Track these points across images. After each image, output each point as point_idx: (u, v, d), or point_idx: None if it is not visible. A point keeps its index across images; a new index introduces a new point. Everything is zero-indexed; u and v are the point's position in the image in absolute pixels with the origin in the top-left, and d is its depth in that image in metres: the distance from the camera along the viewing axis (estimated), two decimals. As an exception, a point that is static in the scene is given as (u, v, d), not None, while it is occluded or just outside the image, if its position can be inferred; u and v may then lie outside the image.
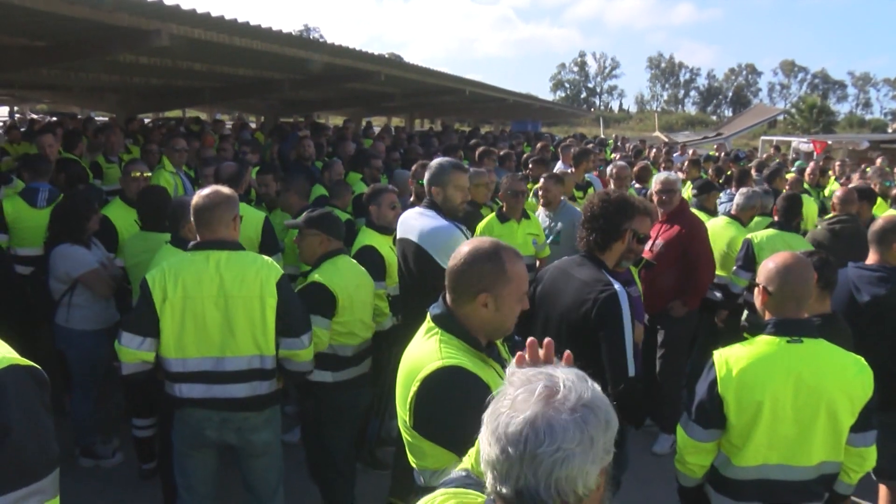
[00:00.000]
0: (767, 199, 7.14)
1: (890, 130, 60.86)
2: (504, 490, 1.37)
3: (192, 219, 3.73)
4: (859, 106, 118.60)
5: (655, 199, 5.91)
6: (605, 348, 3.34)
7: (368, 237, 5.14)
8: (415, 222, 4.35)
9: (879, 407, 3.06)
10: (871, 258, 4.42)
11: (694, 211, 6.60)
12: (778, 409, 2.85)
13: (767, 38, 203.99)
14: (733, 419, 2.90)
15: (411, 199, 5.79)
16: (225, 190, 3.75)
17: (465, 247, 2.45)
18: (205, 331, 3.57)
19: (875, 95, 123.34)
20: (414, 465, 2.47)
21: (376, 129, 19.28)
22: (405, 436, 2.46)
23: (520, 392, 1.40)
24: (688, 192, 8.69)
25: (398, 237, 4.54)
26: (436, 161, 4.50)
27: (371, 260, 4.88)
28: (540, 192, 6.68)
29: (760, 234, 6.12)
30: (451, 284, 2.44)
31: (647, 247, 5.76)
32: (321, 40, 18.92)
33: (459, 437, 2.25)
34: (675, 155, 16.10)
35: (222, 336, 3.59)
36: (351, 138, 12.09)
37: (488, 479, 1.41)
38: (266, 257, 3.82)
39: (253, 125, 19.17)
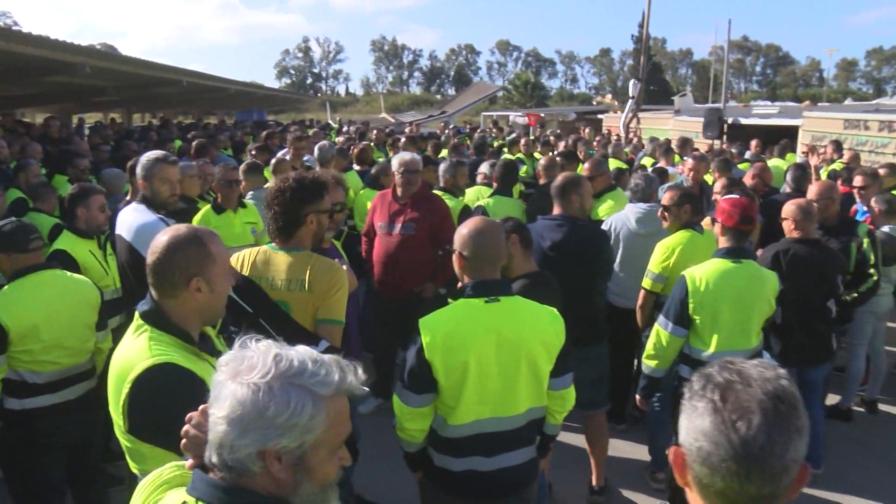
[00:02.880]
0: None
1: (594, 103, 67.08)
2: None
3: None
4: (567, 81, 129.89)
5: (398, 180, 5.92)
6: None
7: (64, 241, 4.76)
8: (127, 217, 4.48)
9: (575, 343, 3.36)
10: (555, 210, 4.96)
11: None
12: (483, 366, 2.99)
13: (485, 19, 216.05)
14: (443, 381, 3.00)
15: (127, 196, 5.53)
16: None
17: (161, 237, 2.39)
18: None
19: (580, 72, 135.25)
20: (135, 471, 2.34)
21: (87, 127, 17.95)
22: (122, 441, 2.34)
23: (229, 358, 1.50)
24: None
25: (116, 233, 4.54)
26: (143, 155, 4.66)
27: (62, 266, 4.42)
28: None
29: (488, 201, 6.54)
30: (156, 279, 2.37)
31: (396, 230, 5.85)
32: (13, 28, 17.20)
33: (177, 436, 2.17)
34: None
35: None
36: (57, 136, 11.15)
37: None
38: None
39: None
